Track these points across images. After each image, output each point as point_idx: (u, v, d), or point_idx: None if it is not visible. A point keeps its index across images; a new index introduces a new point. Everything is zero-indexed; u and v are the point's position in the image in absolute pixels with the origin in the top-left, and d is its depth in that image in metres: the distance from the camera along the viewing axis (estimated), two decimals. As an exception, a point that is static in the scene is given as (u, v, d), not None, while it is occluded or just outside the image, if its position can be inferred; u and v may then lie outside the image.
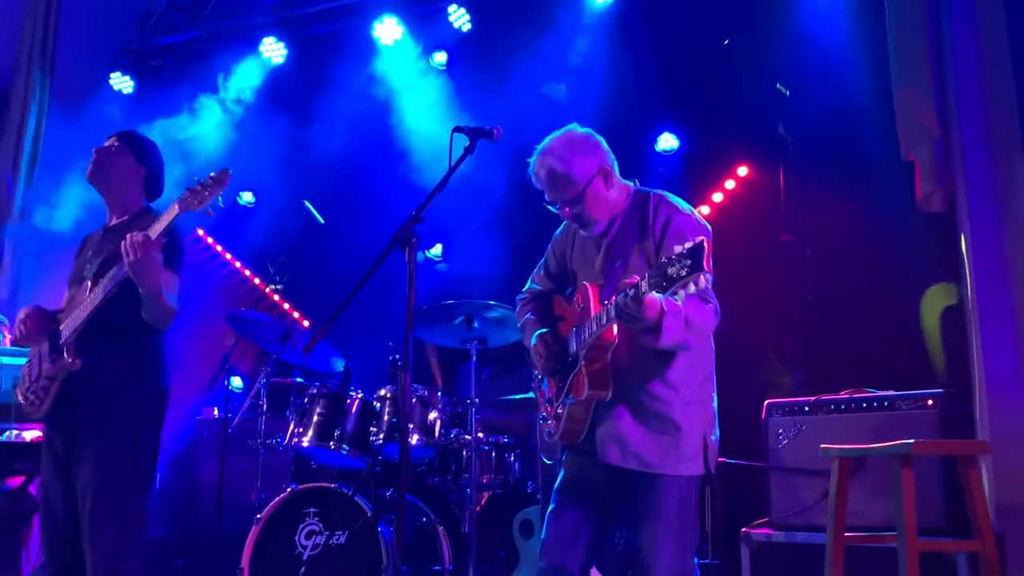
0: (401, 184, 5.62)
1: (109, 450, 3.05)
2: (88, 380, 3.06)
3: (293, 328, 4.63)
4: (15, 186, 6.31)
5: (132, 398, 3.13)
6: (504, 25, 5.90)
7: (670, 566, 2.62)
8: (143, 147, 3.41)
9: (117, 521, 3.02)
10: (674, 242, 2.61)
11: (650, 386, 2.68)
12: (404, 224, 2.66)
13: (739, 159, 5.29)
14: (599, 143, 2.83)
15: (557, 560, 2.75)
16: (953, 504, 3.26)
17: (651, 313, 2.41)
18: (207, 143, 6.48)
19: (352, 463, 4.30)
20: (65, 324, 3.12)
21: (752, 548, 3.62)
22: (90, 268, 3.22)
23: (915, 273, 4.44)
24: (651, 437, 2.66)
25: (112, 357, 3.11)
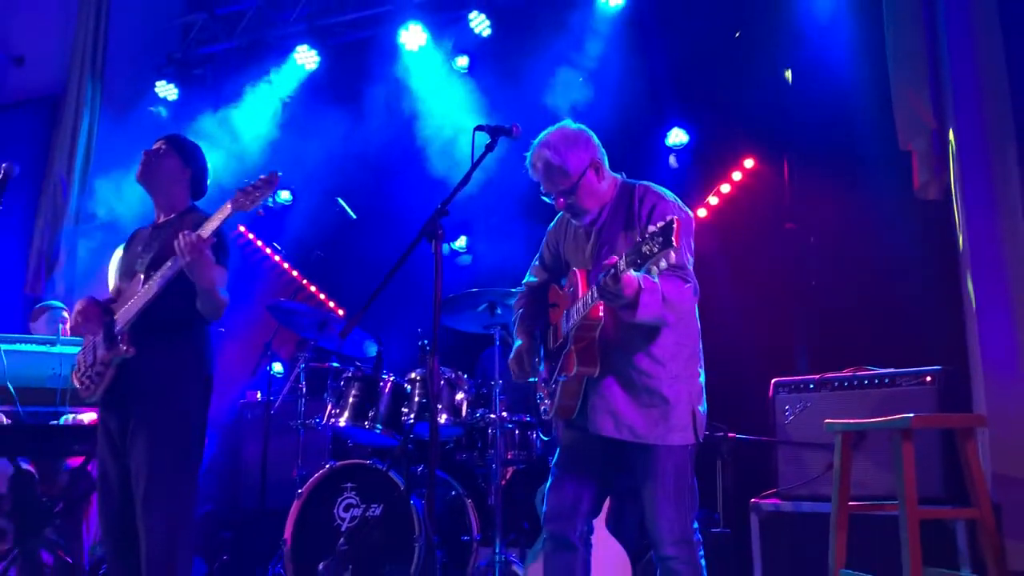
0: (427, 181, 5.64)
1: (160, 432, 3.08)
2: (140, 367, 3.09)
3: (329, 317, 4.65)
4: (70, 187, 6.37)
5: (181, 384, 3.16)
6: (522, 29, 5.89)
7: (671, 532, 2.64)
8: (188, 150, 3.44)
9: (169, 498, 3.06)
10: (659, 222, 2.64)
11: (638, 362, 2.68)
12: (431, 217, 2.67)
13: (745, 152, 5.27)
14: (591, 138, 2.84)
15: (558, 530, 2.78)
16: (951, 475, 3.24)
17: (628, 291, 2.45)
18: (246, 146, 6.52)
19: (385, 441, 4.32)
20: (120, 314, 3.15)
21: (761, 517, 3.61)
22: (141, 262, 3.25)
23: (913, 258, 4.40)
24: (642, 410, 2.66)
25: (162, 345, 3.14)
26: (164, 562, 3.01)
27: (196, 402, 3.20)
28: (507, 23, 5.93)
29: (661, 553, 2.66)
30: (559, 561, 2.77)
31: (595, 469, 2.79)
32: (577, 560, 2.76)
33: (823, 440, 3.44)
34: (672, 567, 2.65)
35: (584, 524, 2.78)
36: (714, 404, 3.10)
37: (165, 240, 3.21)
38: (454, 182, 2.80)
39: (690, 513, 2.67)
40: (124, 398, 3.10)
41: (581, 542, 2.77)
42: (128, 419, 3.10)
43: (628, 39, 5.51)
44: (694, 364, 2.75)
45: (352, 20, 6.50)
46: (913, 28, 4.08)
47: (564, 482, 2.80)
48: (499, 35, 5.93)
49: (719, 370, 3.04)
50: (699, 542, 2.69)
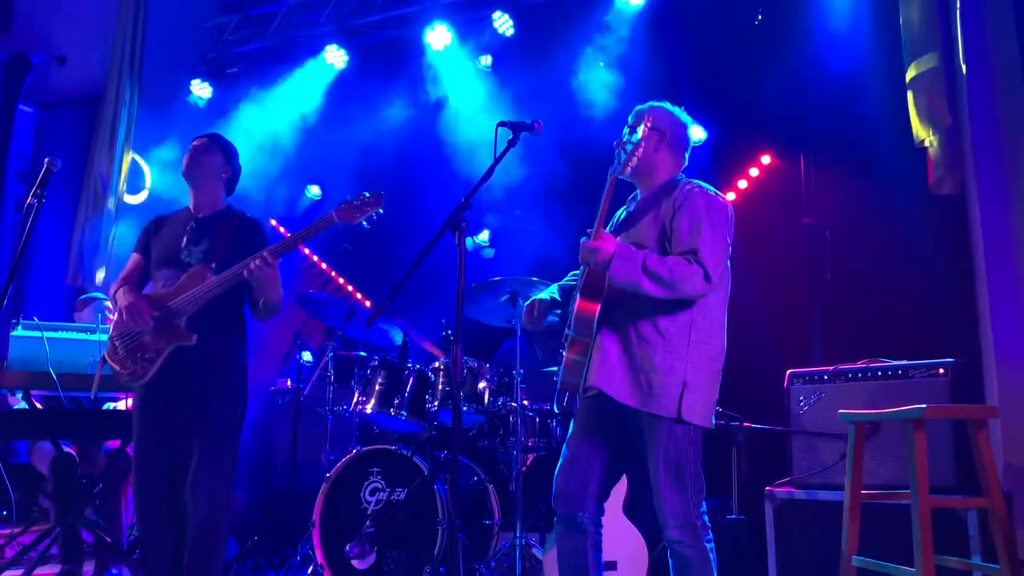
0: (452, 176, 5.64)
1: (212, 416, 3.20)
2: (195, 353, 3.16)
3: (356, 307, 4.68)
4: (109, 182, 6.44)
5: (230, 370, 3.29)
6: (544, 29, 5.88)
7: (674, 515, 2.63)
8: (230, 150, 3.54)
9: (216, 479, 3.15)
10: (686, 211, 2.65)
11: (641, 327, 2.69)
12: (454, 211, 2.68)
13: (762, 148, 5.24)
14: (678, 119, 2.95)
15: (567, 512, 2.77)
16: (963, 465, 3.20)
17: (599, 257, 2.62)
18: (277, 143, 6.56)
19: (410, 427, 4.34)
20: (179, 302, 3.19)
21: (775, 505, 3.59)
22: (188, 253, 3.31)
23: (927, 252, 4.35)
24: (630, 373, 2.66)
25: (215, 335, 3.23)
26: (210, 537, 3.10)
27: (241, 388, 3.32)
28: (530, 23, 5.93)
29: (667, 536, 2.66)
30: (570, 543, 2.77)
31: (603, 451, 2.78)
32: (587, 541, 2.75)
33: (837, 430, 3.42)
34: (678, 551, 2.64)
35: (594, 505, 2.77)
36: (730, 394, 3.09)
37: (217, 236, 3.28)
38: (477, 177, 2.80)
39: (694, 498, 2.65)
40: (177, 382, 3.17)
41: (591, 523, 2.76)
42: (179, 402, 3.18)
43: (648, 38, 5.49)
44: (700, 349, 2.70)
45: (379, 21, 6.52)
46: (928, 23, 4.03)
47: (572, 464, 2.79)
48: (522, 34, 5.93)
49: (735, 361, 3.02)
50: (705, 526, 2.66)
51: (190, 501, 3.12)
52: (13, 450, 5.02)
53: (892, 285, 4.48)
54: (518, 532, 3.94)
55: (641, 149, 2.70)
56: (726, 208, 2.79)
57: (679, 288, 2.61)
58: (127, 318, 3.22)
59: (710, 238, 2.67)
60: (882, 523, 3.18)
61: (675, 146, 2.91)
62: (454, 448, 2.62)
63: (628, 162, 2.71)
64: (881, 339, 4.06)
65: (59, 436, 4.20)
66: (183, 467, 3.15)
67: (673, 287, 2.60)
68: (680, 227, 2.70)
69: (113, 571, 4.40)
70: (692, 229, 2.68)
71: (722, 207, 2.77)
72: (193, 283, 3.22)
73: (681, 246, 2.67)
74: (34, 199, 3.35)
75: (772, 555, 3.56)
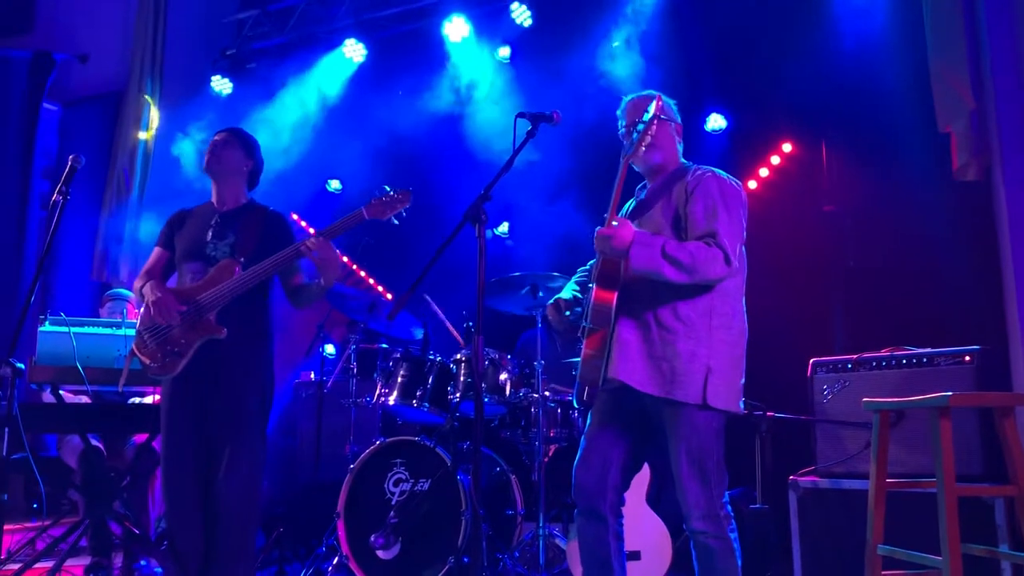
0: (471, 168, 5.64)
1: (242, 410, 3.23)
2: (225, 347, 3.19)
3: (378, 300, 4.69)
4: (132, 178, 6.50)
5: (258, 363, 3.32)
6: (562, 18, 5.86)
7: (697, 505, 2.61)
8: (251, 143, 3.55)
9: (247, 471, 3.20)
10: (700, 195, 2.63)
11: (661, 314, 2.67)
12: (474, 202, 2.67)
13: (783, 136, 5.19)
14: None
15: (587, 503, 2.76)
16: (990, 453, 3.16)
17: (616, 243, 2.58)
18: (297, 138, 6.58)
19: (432, 419, 4.36)
20: (209, 295, 3.22)
21: (799, 494, 3.57)
22: (213, 247, 3.33)
23: (951, 238, 4.30)
24: (652, 361, 2.64)
25: (245, 327, 3.28)
26: (241, 528, 3.14)
27: (269, 381, 3.36)
28: (547, 13, 5.90)
29: (690, 527, 2.64)
30: (591, 533, 2.76)
31: (621, 442, 2.77)
32: (608, 531, 2.75)
33: (861, 419, 3.39)
34: (701, 541, 2.63)
35: (614, 495, 2.75)
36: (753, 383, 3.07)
37: (242, 230, 3.31)
38: (497, 169, 2.79)
39: (717, 488, 2.63)
40: (207, 375, 3.21)
41: (611, 513, 2.75)
42: (209, 395, 3.21)
43: (667, 25, 5.44)
44: (722, 334, 2.69)
45: (397, 14, 6.50)
46: (951, 7, 3.97)
47: (591, 456, 2.78)
48: (539, 25, 5.90)
49: (758, 350, 3.00)
50: (729, 516, 2.65)
51: (222, 493, 3.15)
52: (43, 443, 5.09)
53: (916, 272, 4.43)
54: (541, 522, 3.95)
55: (653, 130, 2.68)
56: (739, 192, 2.77)
57: (700, 272, 2.58)
58: (154, 314, 3.24)
59: (727, 220, 2.65)
60: (908, 512, 3.15)
61: (681, 136, 2.94)
62: (476, 439, 2.62)
63: (640, 143, 2.67)
64: (905, 327, 4.01)
65: (87, 430, 4.25)
66: (214, 460, 3.18)
67: (694, 272, 2.58)
68: (695, 211, 2.68)
69: (141, 563, 4.46)
70: (708, 212, 2.66)
71: (736, 190, 2.76)
72: (222, 276, 3.26)
73: (698, 230, 2.65)
74: (59, 196, 3.39)
75: (796, 545, 3.54)
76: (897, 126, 4.47)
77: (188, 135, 6.51)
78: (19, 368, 3.24)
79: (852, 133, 4.81)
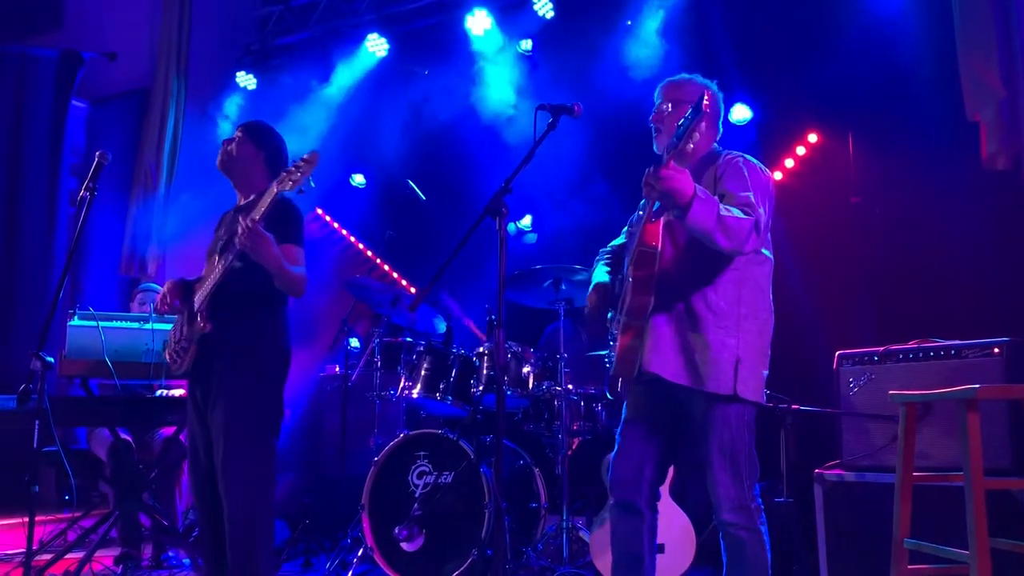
0: (493, 161, 5.64)
1: (236, 402, 3.14)
2: (219, 341, 3.17)
3: (401, 294, 4.71)
4: (159, 175, 6.58)
5: (257, 356, 3.22)
6: (584, 10, 5.84)
7: (728, 497, 2.60)
8: (260, 132, 3.48)
9: (246, 464, 3.12)
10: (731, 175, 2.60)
11: (694, 303, 2.64)
12: (494, 196, 2.67)
13: (809, 126, 5.14)
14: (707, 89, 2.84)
15: (624, 496, 2.75)
16: (1019, 447, 3.12)
17: (673, 186, 2.41)
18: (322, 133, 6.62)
19: (456, 412, 4.37)
20: (198, 294, 3.25)
21: (825, 487, 3.54)
22: (219, 244, 3.35)
23: (981, 228, 4.24)
24: (683, 352, 2.61)
25: (239, 321, 3.20)
26: (244, 526, 3.09)
27: (272, 374, 3.25)
28: (570, 5, 5.89)
29: (720, 519, 2.63)
30: (626, 526, 2.76)
31: (657, 436, 2.76)
32: (644, 525, 2.74)
33: (887, 412, 3.35)
34: (732, 533, 2.61)
35: (649, 490, 2.75)
36: (779, 376, 3.04)
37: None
38: (519, 162, 2.79)
39: (748, 480, 2.62)
40: (206, 370, 3.20)
41: (647, 507, 2.75)
42: (209, 390, 3.20)
43: (690, 15, 5.41)
44: (751, 323, 2.67)
45: (419, 8, 6.52)
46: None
47: (627, 450, 2.77)
48: (562, 16, 5.89)
49: (784, 342, 2.97)
50: (759, 508, 2.63)
51: (223, 487, 3.11)
52: (74, 436, 5.17)
53: (944, 263, 4.37)
54: (564, 515, 3.95)
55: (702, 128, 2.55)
56: (769, 178, 2.75)
57: (738, 240, 2.52)
58: (160, 303, 3.32)
59: (759, 196, 2.62)
60: (935, 506, 3.12)
61: (714, 120, 2.86)
62: (498, 432, 2.63)
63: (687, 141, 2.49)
64: (933, 318, 3.96)
65: (115, 423, 4.31)
66: (217, 458, 3.17)
67: (736, 239, 2.51)
68: (728, 187, 2.64)
69: (170, 553, 4.52)
70: (741, 185, 2.63)
71: (765, 176, 2.73)
72: (209, 272, 3.28)
73: (734, 202, 2.60)
74: (86, 192, 3.43)
75: (822, 538, 3.51)
76: (924, 115, 4.41)
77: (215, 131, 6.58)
78: (49, 362, 3.28)
79: (879, 122, 4.76)
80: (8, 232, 6.53)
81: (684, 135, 2.46)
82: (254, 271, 3.14)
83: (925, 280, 4.43)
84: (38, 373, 3.25)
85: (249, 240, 3.00)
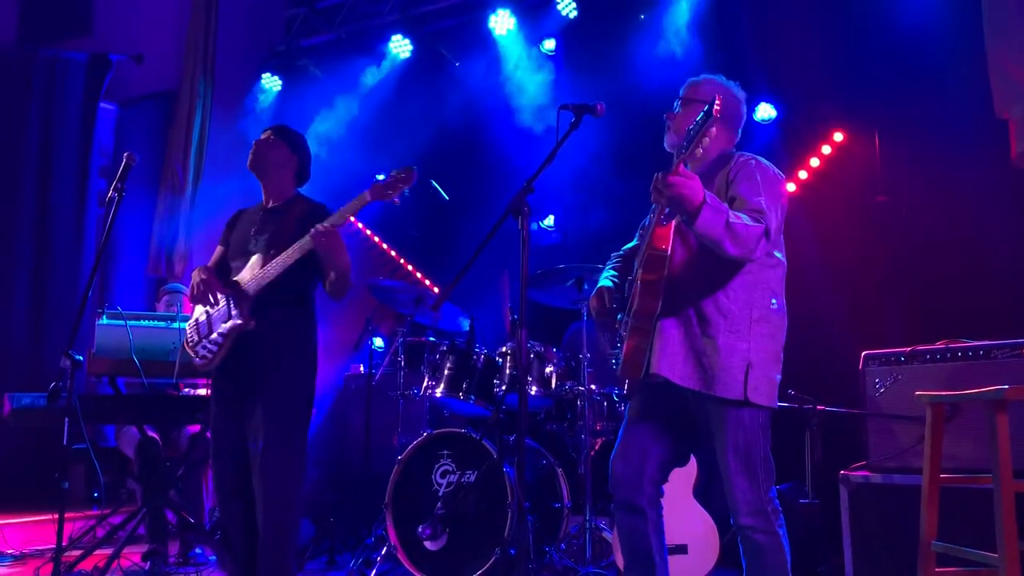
0: (516, 161, 5.65)
1: (277, 399, 3.22)
2: (259, 339, 3.22)
3: (425, 294, 4.72)
4: (185, 175, 6.64)
5: (296, 356, 3.31)
6: (607, 9, 5.83)
7: (745, 501, 2.57)
8: (295, 139, 3.55)
9: (284, 462, 3.19)
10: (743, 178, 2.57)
11: (704, 307, 2.61)
12: (516, 195, 2.66)
13: (834, 125, 5.09)
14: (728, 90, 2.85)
15: (624, 496, 2.73)
16: (1050, 448, 3.07)
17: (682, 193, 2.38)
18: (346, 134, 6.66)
19: (478, 411, 4.37)
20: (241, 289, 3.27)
21: (850, 489, 3.51)
22: (255, 243, 3.38)
23: (1009, 227, 4.18)
24: (692, 355, 2.59)
25: (279, 319, 3.28)
26: (278, 519, 3.15)
27: (307, 371, 3.34)
28: (592, 4, 5.88)
29: (738, 522, 2.60)
30: (629, 526, 2.74)
31: (660, 436, 2.74)
32: (648, 523, 2.72)
33: (914, 413, 3.31)
34: (750, 536, 2.59)
35: (651, 488, 2.72)
36: (804, 376, 3.02)
37: (280, 224, 3.34)
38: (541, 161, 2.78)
39: (765, 483, 2.59)
40: (243, 367, 3.24)
41: (649, 506, 2.72)
42: (247, 387, 3.24)
43: (714, 13, 5.38)
44: (762, 327, 2.63)
45: (443, 8, 6.54)
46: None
47: (628, 449, 2.75)
48: (584, 16, 5.89)
49: (809, 343, 2.96)
50: (777, 511, 2.60)
51: (259, 484, 3.16)
52: (103, 434, 5.24)
53: (972, 262, 4.32)
54: (587, 515, 3.95)
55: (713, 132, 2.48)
56: (782, 180, 2.72)
57: (746, 246, 2.50)
58: (195, 292, 3.27)
59: (770, 201, 2.60)
60: (963, 508, 3.08)
61: (730, 122, 2.84)
62: (520, 431, 2.62)
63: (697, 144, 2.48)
64: (961, 319, 3.92)
65: (142, 421, 4.36)
66: (253, 450, 3.21)
67: (743, 246, 2.49)
68: (740, 191, 2.61)
69: (196, 550, 4.57)
70: (753, 190, 2.60)
71: (778, 179, 2.70)
72: (252, 271, 3.30)
73: (744, 207, 2.58)
74: (115, 193, 3.47)
75: (847, 540, 3.48)
76: (952, 112, 4.36)
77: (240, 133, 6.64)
78: (78, 360, 3.32)
79: (906, 120, 4.70)
80: (39, 232, 6.63)
81: (694, 139, 2.44)
82: (299, 272, 3.22)
83: (953, 280, 4.38)
84: (68, 371, 3.29)
85: (329, 243, 3.12)
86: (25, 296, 6.46)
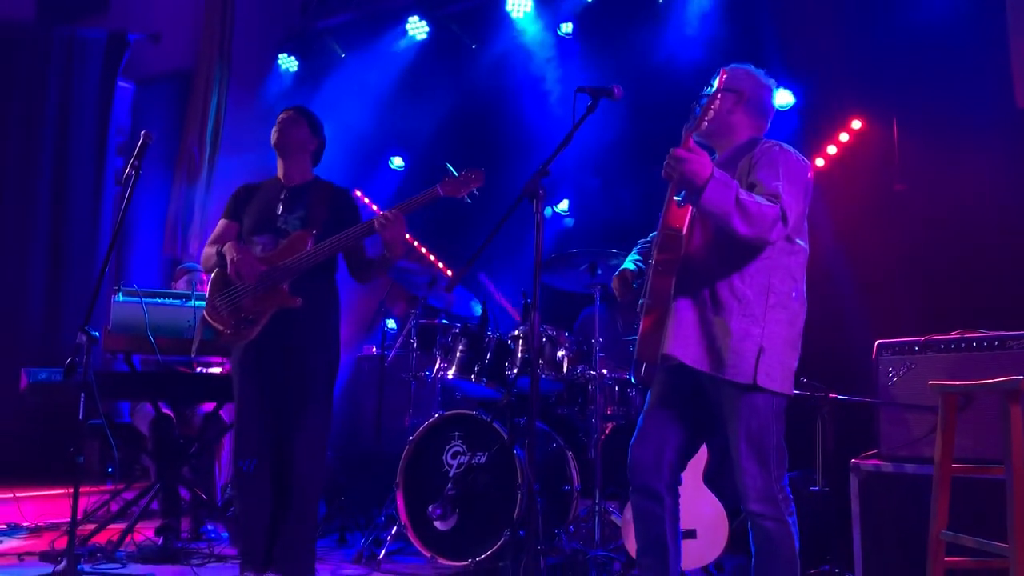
0: (533, 144, 5.62)
1: (312, 378, 3.36)
2: (297, 316, 3.32)
3: (438, 276, 4.73)
4: (202, 157, 6.66)
5: (329, 334, 3.46)
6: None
7: (754, 488, 2.55)
8: (316, 122, 3.64)
9: (317, 437, 3.36)
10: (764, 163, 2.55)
11: (719, 290, 2.59)
12: (531, 178, 2.66)
13: (853, 112, 5.04)
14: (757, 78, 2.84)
15: (643, 482, 2.72)
16: (1064, 440, 3.05)
17: (690, 168, 2.41)
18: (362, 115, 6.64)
19: (490, 393, 4.38)
20: (284, 265, 3.33)
21: (861, 478, 3.50)
22: (284, 220, 3.42)
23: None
24: (705, 338, 2.58)
25: (317, 297, 3.40)
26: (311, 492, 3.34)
27: (336, 350, 3.50)
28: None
29: (747, 509, 2.59)
30: (645, 511, 2.72)
31: (678, 422, 2.73)
32: (665, 510, 2.71)
33: (927, 403, 3.30)
34: (759, 524, 2.58)
35: (670, 474, 2.71)
36: (817, 364, 3.01)
37: (310, 204, 3.38)
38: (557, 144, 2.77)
39: (776, 470, 2.57)
40: (279, 343, 3.33)
41: (668, 492, 2.71)
42: (282, 363, 3.34)
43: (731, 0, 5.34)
44: (779, 313, 2.61)
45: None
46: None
47: (647, 435, 2.74)
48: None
49: (823, 331, 2.93)
50: (788, 499, 2.59)
51: (295, 458, 3.30)
52: (117, 410, 5.29)
53: (989, 253, 4.28)
54: (596, 499, 3.96)
55: (716, 104, 2.54)
56: (806, 167, 2.68)
57: (759, 227, 2.47)
58: (234, 272, 3.31)
59: (789, 186, 2.57)
60: (974, 498, 3.07)
61: (755, 109, 2.81)
62: (531, 414, 2.63)
63: (703, 117, 2.54)
64: (976, 309, 3.88)
65: (157, 398, 4.39)
66: (285, 426, 3.29)
67: (756, 225, 2.47)
68: (759, 176, 2.59)
69: (208, 526, 4.61)
70: (771, 175, 2.57)
71: (802, 165, 2.67)
72: (295, 248, 3.35)
73: (763, 192, 2.56)
74: (131, 170, 3.48)
75: (857, 528, 3.47)
76: (972, 101, 4.31)
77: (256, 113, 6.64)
78: (95, 336, 3.35)
79: (925, 109, 4.65)
80: (56, 209, 6.66)
81: (701, 110, 2.48)
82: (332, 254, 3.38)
83: (969, 269, 4.34)
84: (84, 347, 3.32)
85: (395, 231, 3.25)
86: (42, 272, 6.50)
